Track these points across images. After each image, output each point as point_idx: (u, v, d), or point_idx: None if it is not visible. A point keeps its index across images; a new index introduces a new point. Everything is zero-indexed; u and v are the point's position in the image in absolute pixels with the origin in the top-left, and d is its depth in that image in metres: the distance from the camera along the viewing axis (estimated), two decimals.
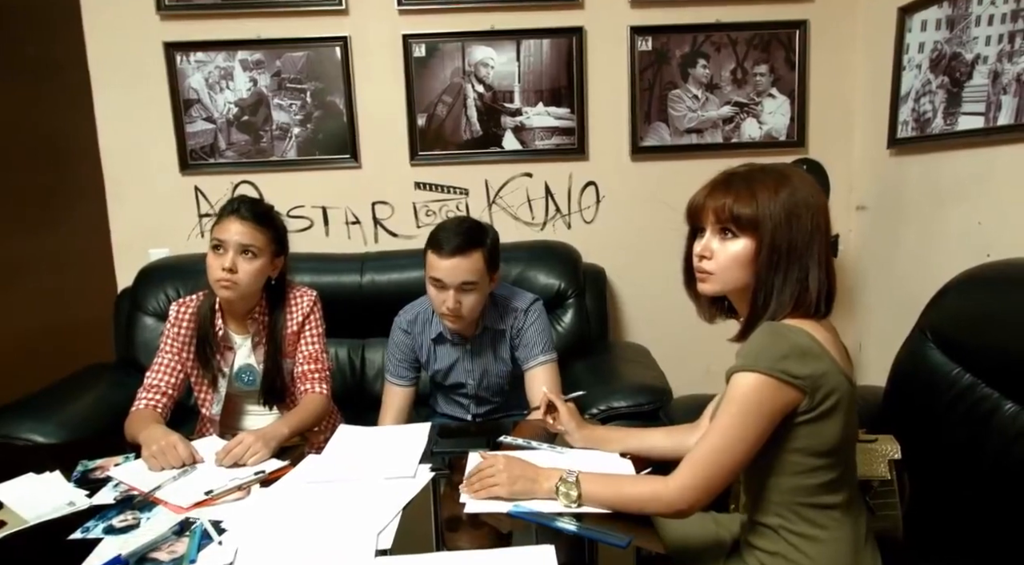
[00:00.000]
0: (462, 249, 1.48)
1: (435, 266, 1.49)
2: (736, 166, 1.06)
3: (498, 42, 2.25)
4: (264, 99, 2.26)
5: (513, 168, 2.34)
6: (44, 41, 2.35)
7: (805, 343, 0.94)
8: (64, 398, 1.85)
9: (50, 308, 2.53)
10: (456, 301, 1.49)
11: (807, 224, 0.97)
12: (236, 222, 1.40)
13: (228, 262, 1.37)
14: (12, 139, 2.45)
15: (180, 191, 2.30)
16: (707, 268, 1.02)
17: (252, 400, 1.56)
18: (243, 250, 1.40)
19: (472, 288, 1.50)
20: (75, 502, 1.10)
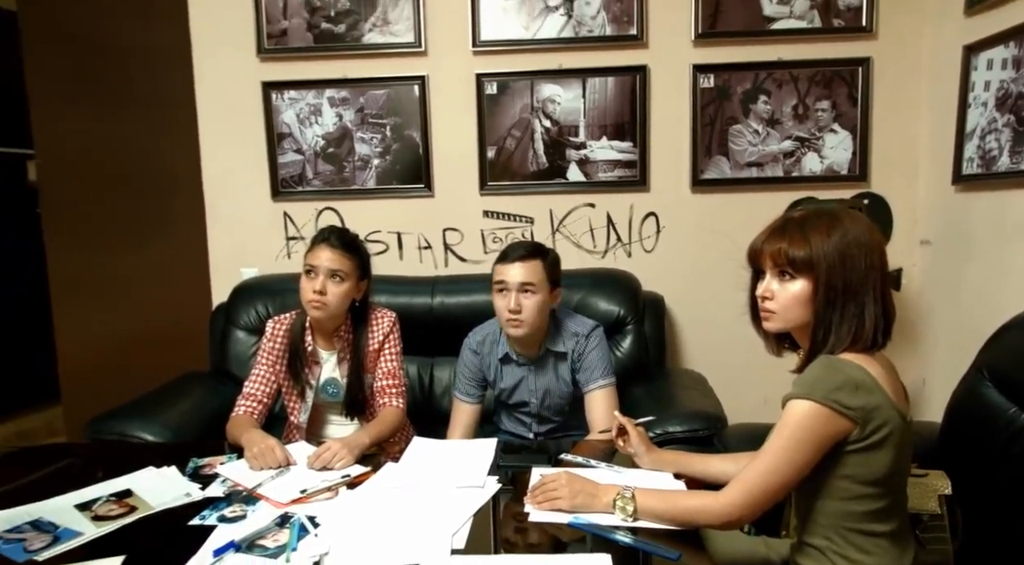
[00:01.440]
0: (523, 256, 1.65)
1: (499, 272, 1.67)
2: (794, 211, 1.14)
3: (565, 80, 2.38)
4: (348, 133, 2.45)
5: (576, 198, 2.46)
6: (157, 80, 2.63)
7: (859, 377, 1.01)
8: (167, 402, 2.05)
9: (150, 318, 2.80)
10: (517, 303, 1.62)
11: (860, 263, 1.04)
12: (327, 249, 1.57)
13: (319, 285, 1.54)
14: (125, 166, 2.75)
15: (270, 216, 2.52)
16: (769, 308, 1.11)
17: (335, 410, 1.72)
18: (332, 274, 1.57)
19: (532, 290, 1.63)
20: (191, 494, 1.27)
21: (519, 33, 2.36)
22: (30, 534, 1.11)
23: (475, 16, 2.35)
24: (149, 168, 2.72)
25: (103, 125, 2.71)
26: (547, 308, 1.68)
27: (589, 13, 2.33)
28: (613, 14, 2.33)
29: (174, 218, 2.69)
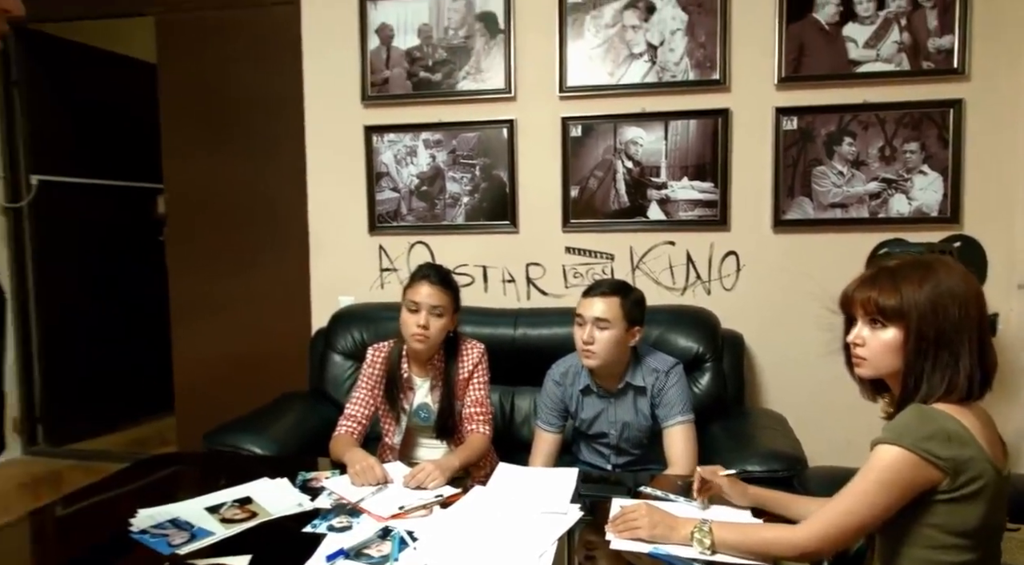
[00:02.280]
0: (604, 293, 1.74)
1: (580, 305, 1.77)
2: (889, 260, 1.15)
3: (648, 123, 2.47)
4: (441, 173, 2.63)
5: (657, 236, 2.52)
6: (272, 124, 2.91)
7: (952, 428, 1.02)
8: (272, 419, 2.24)
9: (256, 339, 3.05)
10: (590, 335, 1.70)
11: (954, 313, 1.05)
12: (428, 286, 1.71)
13: (423, 320, 1.68)
14: (239, 200, 3.03)
15: (367, 248, 2.72)
16: (860, 354, 1.14)
17: (426, 433, 1.84)
18: (433, 309, 1.70)
19: (605, 326, 1.71)
20: (302, 504, 1.41)
21: (604, 79, 2.47)
22: (171, 531, 1.27)
23: (563, 64, 2.49)
24: (260, 203, 2.99)
25: (222, 164, 3.01)
26: (623, 344, 1.76)
27: (672, 59, 2.42)
28: (696, 60, 2.41)
29: (280, 248, 2.94)
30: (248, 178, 3.00)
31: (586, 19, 2.46)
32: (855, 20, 2.31)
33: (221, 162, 3.00)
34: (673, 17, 2.41)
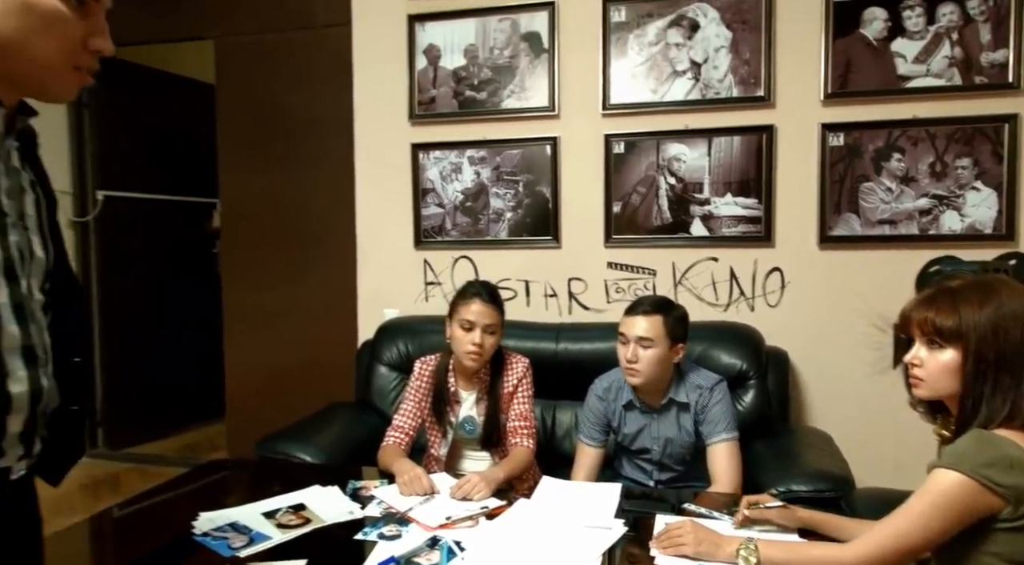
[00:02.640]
0: (647, 311, 1.75)
1: (623, 323, 1.78)
2: (951, 280, 1.13)
3: (691, 139, 2.48)
4: (485, 189, 2.68)
5: (700, 252, 2.52)
6: (322, 142, 3.01)
7: (1015, 454, 1.00)
8: (320, 428, 2.30)
9: (303, 349, 3.14)
10: (634, 354, 1.72)
11: (1016, 336, 1.04)
12: (482, 305, 1.76)
13: (478, 338, 1.73)
14: (288, 212, 3.13)
15: (412, 262, 2.78)
16: (918, 375, 1.13)
17: (470, 446, 1.88)
18: (487, 328, 1.75)
19: (649, 345, 1.73)
20: (353, 512, 1.46)
21: (647, 96, 2.50)
22: (231, 534, 1.33)
23: (606, 82, 2.52)
24: (310, 217, 3.09)
25: (274, 179, 3.12)
26: (667, 361, 1.77)
27: (716, 76, 2.44)
28: (740, 77, 2.42)
29: (328, 261, 3.03)
30: (299, 193, 3.11)
31: (629, 38, 2.49)
32: (904, 35, 2.29)
33: (273, 178, 3.12)
34: (717, 35, 2.42)
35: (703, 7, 2.43)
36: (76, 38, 0.81)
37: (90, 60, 0.84)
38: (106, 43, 0.84)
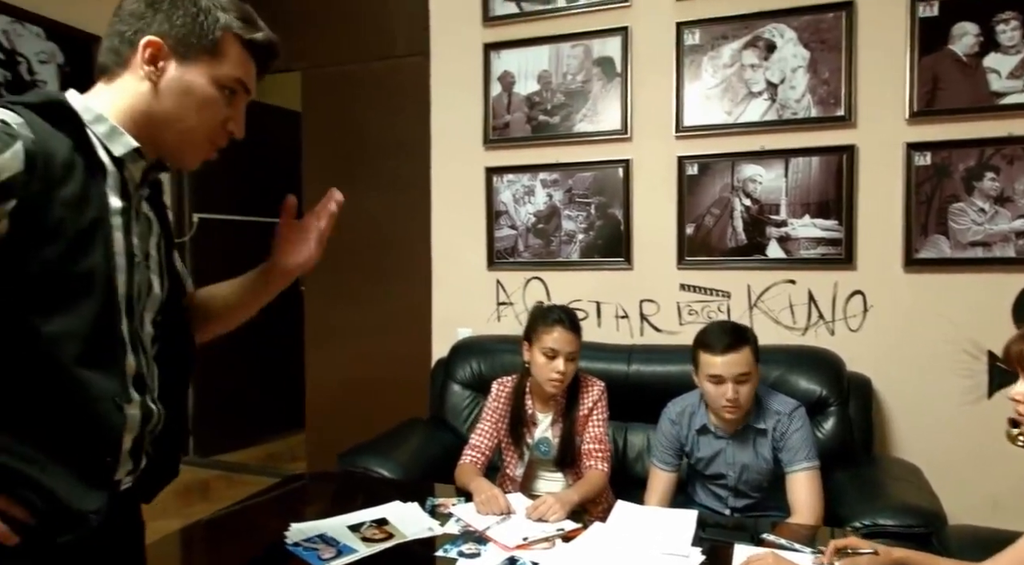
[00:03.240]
0: (733, 346, 1.71)
1: (711, 364, 1.72)
2: None
3: (767, 160, 2.45)
4: (557, 211, 2.72)
5: (776, 274, 2.48)
6: (400, 165, 3.13)
7: None
8: (397, 443, 2.38)
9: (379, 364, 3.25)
10: (735, 392, 1.69)
11: None
12: (564, 332, 1.79)
13: (561, 367, 1.77)
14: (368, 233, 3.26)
15: (485, 283, 2.85)
16: (1023, 412, 1.10)
17: (546, 467, 1.91)
18: (569, 355, 1.78)
19: (747, 379, 1.71)
20: (432, 528, 1.51)
21: (721, 118, 2.49)
22: (320, 546, 1.41)
23: (679, 104, 2.52)
24: (387, 238, 3.21)
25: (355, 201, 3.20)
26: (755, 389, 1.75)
27: (794, 97, 2.40)
28: (819, 97, 2.37)
29: (404, 280, 3.14)
30: (377, 215, 3.23)
31: (703, 60, 2.49)
32: (997, 50, 2.20)
33: (354, 200, 3.21)
34: (794, 55, 2.39)
35: (779, 28, 2.41)
36: (219, 120, 0.95)
37: (224, 139, 0.97)
38: (241, 129, 0.98)
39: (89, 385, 0.82)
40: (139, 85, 0.90)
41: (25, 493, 0.79)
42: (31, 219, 0.75)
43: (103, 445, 0.86)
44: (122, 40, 0.91)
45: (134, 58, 0.90)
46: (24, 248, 0.76)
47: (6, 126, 0.75)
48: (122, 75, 0.91)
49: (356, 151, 3.24)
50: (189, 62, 0.91)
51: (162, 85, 0.90)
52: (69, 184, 0.79)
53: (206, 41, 0.91)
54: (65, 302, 0.80)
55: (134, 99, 0.90)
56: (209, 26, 0.91)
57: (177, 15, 0.90)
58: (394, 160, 3.14)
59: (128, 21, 0.90)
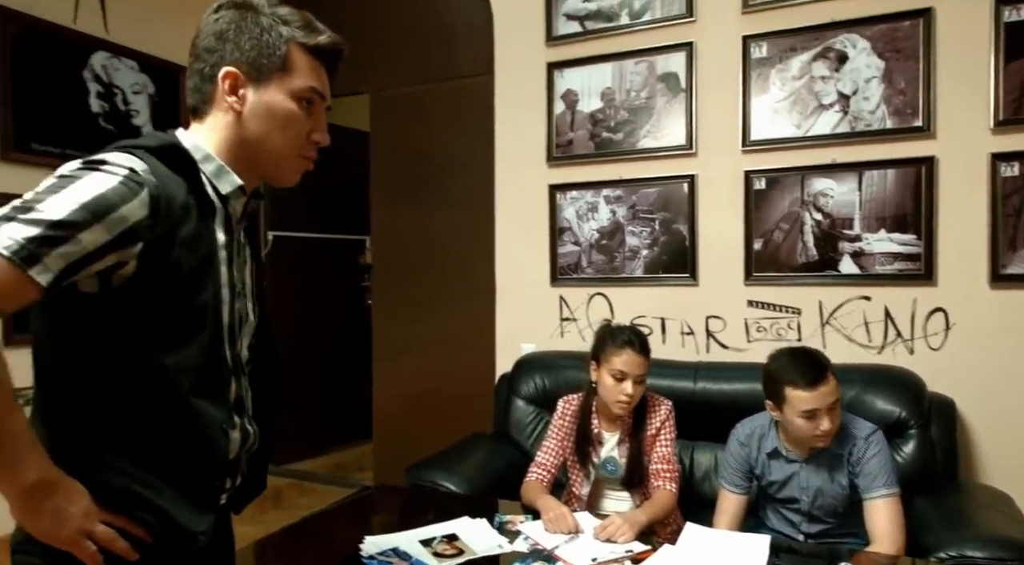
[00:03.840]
0: (821, 376, 1.65)
1: (803, 399, 1.63)
2: None
3: (839, 174, 2.38)
4: (620, 227, 2.72)
5: (850, 291, 2.40)
6: (464, 183, 3.20)
7: None
8: (462, 458, 2.42)
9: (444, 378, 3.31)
10: (830, 422, 1.64)
11: None
12: (634, 355, 1.79)
13: (630, 389, 1.77)
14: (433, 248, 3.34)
15: (548, 299, 2.87)
16: None
17: (612, 486, 1.91)
18: (638, 377, 1.79)
19: (837, 405, 1.66)
20: (502, 545, 1.53)
21: (790, 131, 2.44)
22: (394, 559, 1.45)
23: (746, 118, 2.49)
24: (452, 253, 3.28)
25: (421, 218, 3.35)
26: None
27: (867, 108, 2.33)
28: (895, 107, 2.30)
29: (468, 295, 3.20)
30: (442, 231, 3.31)
31: (771, 73, 2.45)
32: None
33: (420, 216, 3.35)
34: (868, 65, 2.32)
35: (851, 38, 2.35)
36: (304, 133, 0.98)
37: (312, 150, 1.01)
38: (325, 136, 1.01)
39: (201, 413, 0.88)
40: (226, 117, 0.93)
41: (144, 515, 0.85)
42: (154, 260, 0.80)
43: (212, 469, 0.92)
44: (203, 78, 0.93)
45: (216, 92, 0.93)
46: (148, 287, 0.81)
47: (134, 174, 0.79)
48: (211, 111, 0.94)
49: (422, 169, 3.33)
50: (264, 83, 0.93)
51: (246, 112, 0.93)
52: (186, 225, 0.84)
53: (275, 58, 0.92)
54: (182, 336, 0.85)
55: (225, 131, 0.94)
56: (274, 43, 0.92)
57: (244, 40, 0.92)
58: (459, 177, 3.21)
59: (204, 58, 0.93)
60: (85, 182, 0.76)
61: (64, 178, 0.76)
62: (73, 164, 0.79)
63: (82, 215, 0.73)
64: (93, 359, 0.81)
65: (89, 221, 0.73)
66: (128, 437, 0.84)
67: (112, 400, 0.83)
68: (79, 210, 0.73)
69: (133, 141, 0.86)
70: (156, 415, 0.85)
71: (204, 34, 0.93)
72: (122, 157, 0.81)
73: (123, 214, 0.76)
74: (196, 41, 0.94)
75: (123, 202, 0.76)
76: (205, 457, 0.90)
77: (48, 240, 0.70)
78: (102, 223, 0.74)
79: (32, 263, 0.68)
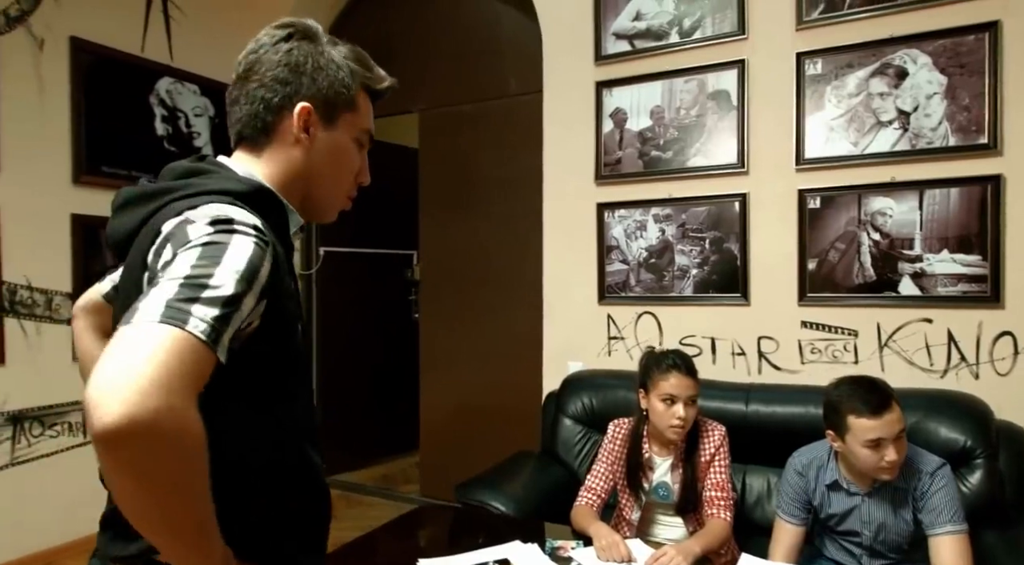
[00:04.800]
0: (886, 403, 1.60)
1: (868, 428, 1.59)
2: None
3: (898, 192, 2.32)
4: (669, 246, 2.70)
5: (910, 313, 2.33)
6: (512, 200, 3.23)
7: None
8: (510, 476, 2.42)
9: (490, 392, 3.33)
10: (896, 452, 1.59)
11: None
12: (681, 377, 1.78)
13: (682, 412, 1.76)
14: (480, 264, 3.38)
15: (596, 317, 2.86)
16: None
17: (663, 511, 1.89)
18: (688, 399, 1.77)
19: (903, 435, 1.61)
20: None
21: (847, 149, 2.38)
22: None
23: (800, 136, 2.45)
24: (499, 269, 3.31)
25: (468, 234, 3.39)
26: None
27: (929, 125, 2.26)
28: (958, 124, 2.23)
29: (515, 311, 3.22)
30: (489, 247, 3.35)
31: (826, 90, 2.41)
32: None
33: (467, 232, 3.39)
34: (929, 81, 2.26)
35: (911, 53, 2.29)
36: (354, 171, 0.98)
37: (355, 191, 1.00)
38: (368, 177, 1.01)
39: (312, 459, 0.88)
40: (291, 152, 0.89)
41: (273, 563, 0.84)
42: (271, 313, 0.77)
43: (324, 512, 0.92)
44: (267, 108, 0.88)
45: (282, 125, 0.89)
46: (266, 341, 0.78)
47: (260, 232, 0.76)
48: (271, 144, 0.90)
49: (469, 185, 3.37)
50: (334, 122, 0.91)
51: (313, 149, 0.90)
52: (287, 276, 0.82)
53: (347, 98, 0.91)
54: (294, 385, 0.85)
55: (286, 165, 0.90)
56: (348, 82, 0.91)
57: (321, 77, 0.89)
58: (506, 194, 3.24)
59: (273, 88, 0.88)
60: (234, 249, 0.72)
61: (213, 246, 0.71)
62: (203, 227, 0.73)
63: (243, 286, 0.70)
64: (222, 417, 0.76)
65: (247, 290, 0.70)
66: (259, 490, 0.83)
67: (243, 456, 0.80)
68: (240, 281, 0.70)
69: (225, 185, 0.82)
70: (282, 466, 0.84)
71: (273, 63, 0.89)
72: (242, 214, 0.77)
73: (262, 276, 0.73)
74: (257, 67, 0.89)
75: (261, 264, 0.73)
76: (318, 500, 0.90)
77: (225, 317, 0.67)
78: (253, 289, 0.71)
79: (217, 342, 0.66)
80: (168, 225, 0.76)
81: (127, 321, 0.64)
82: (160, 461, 0.60)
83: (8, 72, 2.65)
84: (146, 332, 0.62)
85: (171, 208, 0.79)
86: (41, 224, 2.76)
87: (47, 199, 2.77)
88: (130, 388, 0.58)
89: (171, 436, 0.60)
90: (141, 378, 0.59)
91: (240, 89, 0.91)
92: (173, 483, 0.63)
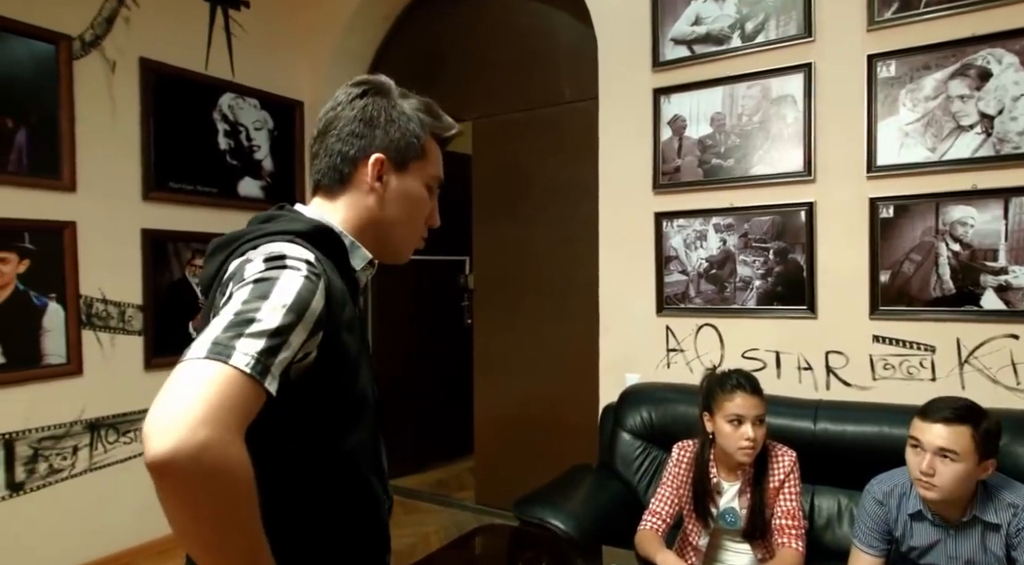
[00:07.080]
0: (948, 419, 1.54)
1: (916, 427, 1.58)
2: None
3: (980, 201, 2.19)
4: (731, 256, 2.62)
5: (993, 328, 2.20)
6: (566, 206, 3.20)
7: None
8: (569, 492, 2.40)
9: (545, 399, 3.31)
10: (931, 466, 1.52)
11: None
12: (746, 396, 1.73)
13: (751, 433, 1.70)
14: (534, 273, 3.36)
15: (654, 329, 2.80)
16: None
17: (731, 537, 1.83)
18: (756, 419, 1.72)
19: (952, 457, 1.52)
20: None
21: (923, 156, 2.26)
22: None
23: (871, 142, 2.34)
24: (554, 278, 3.28)
25: (522, 241, 3.38)
26: (972, 479, 1.55)
27: (1016, 129, 2.13)
28: None
29: (570, 320, 3.19)
30: (544, 255, 3.32)
31: (900, 94, 2.29)
32: None
33: (520, 239, 3.38)
34: (1016, 82, 2.12)
35: (996, 52, 2.15)
36: (425, 215, 1.02)
37: (427, 232, 1.05)
38: (438, 219, 1.06)
39: (375, 490, 0.90)
40: (365, 199, 0.95)
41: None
42: (329, 347, 0.80)
43: (384, 544, 0.94)
44: (344, 160, 0.95)
45: (358, 175, 0.95)
46: (325, 374, 0.81)
47: (312, 267, 0.79)
48: (346, 192, 0.96)
49: (523, 193, 3.35)
50: (405, 170, 0.97)
51: (386, 196, 0.96)
52: (346, 308, 0.85)
53: (416, 147, 0.96)
54: (357, 418, 0.87)
55: (362, 212, 0.96)
56: (417, 133, 0.96)
57: (393, 128, 0.95)
58: (561, 202, 3.21)
59: (349, 141, 0.94)
60: (283, 283, 0.75)
61: (263, 282, 0.75)
62: (258, 265, 0.78)
63: (290, 318, 0.73)
64: (281, 451, 0.81)
65: (295, 322, 0.73)
66: (319, 522, 0.85)
67: (303, 489, 0.83)
68: (287, 314, 0.73)
69: (288, 226, 0.87)
70: (343, 498, 0.86)
71: (349, 118, 0.95)
72: (296, 250, 0.81)
73: (314, 308, 0.76)
74: (336, 123, 0.96)
75: (312, 296, 0.76)
76: (378, 532, 0.92)
77: (272, 350, 0.70)
78: (302, 322, 0.74)
79: (264, 374, 0.69)
80: (233, 265, 0.82)
81: (183, 357, 0.69)
82: (204, 491, 0.63)
83: (84, 94, 2.76)
84: (194, 367, 0.67)
85: (240, 250, 0.84)
86: (114, 239, 2.87)
87: (119, 215, 2.88)
88: (176, 422, 0.62)
89: (215, 467, 0.63)
90: (187, 413, 0.63)
91: (320, 144, 0.97)
92: (218, 512, 0.65)
